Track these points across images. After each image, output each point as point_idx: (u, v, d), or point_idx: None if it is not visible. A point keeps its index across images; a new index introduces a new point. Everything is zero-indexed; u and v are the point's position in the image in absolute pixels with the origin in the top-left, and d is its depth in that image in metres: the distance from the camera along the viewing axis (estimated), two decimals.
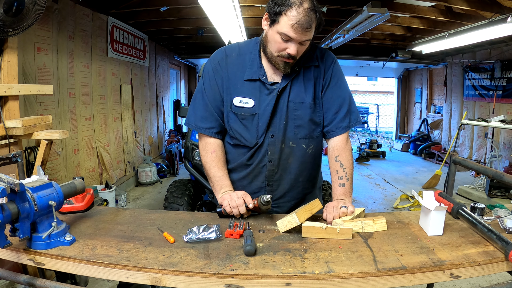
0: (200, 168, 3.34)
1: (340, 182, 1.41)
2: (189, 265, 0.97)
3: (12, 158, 1.56)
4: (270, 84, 1.36)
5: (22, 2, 2.01)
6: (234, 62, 1.40)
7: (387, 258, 1.02)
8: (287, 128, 1.39)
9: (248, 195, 1.30)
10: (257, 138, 1.39)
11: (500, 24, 3.92)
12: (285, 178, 1.44)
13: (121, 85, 5.31)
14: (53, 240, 1.06)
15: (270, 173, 1.42)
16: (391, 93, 15.52)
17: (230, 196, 1.30)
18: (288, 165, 1.42)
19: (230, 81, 1.39)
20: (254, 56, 1.39)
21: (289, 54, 1.25)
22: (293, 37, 1.21)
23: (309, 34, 1.23)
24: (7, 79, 2.27)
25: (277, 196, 1.47)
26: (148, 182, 5.85)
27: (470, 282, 2.83)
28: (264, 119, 1.37)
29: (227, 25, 4.31)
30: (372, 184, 6.25)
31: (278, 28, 1.22)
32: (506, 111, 6.07)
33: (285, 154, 1.41)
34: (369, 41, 6.68)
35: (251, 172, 1.45)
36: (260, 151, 1.41)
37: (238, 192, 1.32)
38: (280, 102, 1.37)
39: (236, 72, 1.39)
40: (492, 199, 4.60)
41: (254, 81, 1.37)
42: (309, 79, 1.40)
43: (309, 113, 1.39)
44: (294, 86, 1.38)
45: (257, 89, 1.37)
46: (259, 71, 1.37)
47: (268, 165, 1.41)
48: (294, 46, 1.24)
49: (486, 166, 3.61)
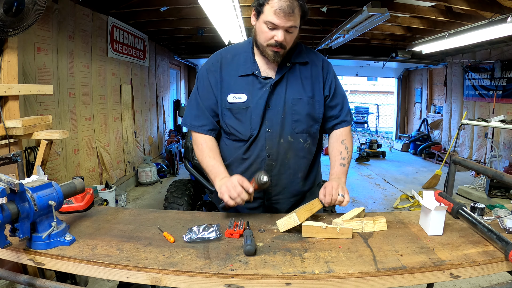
0: (200, 168, 3.34)
1: (342, 162, 1.44)
2: (189, 265, 0.97)
3: (12, 158, 1.56)
4: (263, 78, 1.41)
5: (22, 2, 2.01)
6: (228, 63, 1.45)
7: (387, 258, 1.02)
8: (285, 123, 1.41)
9: (244, 180, 1.27)
10: (251, 130, 1.41)
11: (500, 24, 3.92)
12: (284, 173, 1.45)
13: (121, 85, 5.32)
14: (53, 240, 1.06)
15: (269, 168, 1.43)
16: (391, 93, 15.53)
17: (227, 188, 1.27)
18: (287, 159, 1.44)
19: (224, 81, 1.43)
20: (248, 54, 1.45)
21: (277, 42, 1.31)
22: (278, 23, 1.27)
23: (293, 19, 1.28)
24: (7, 79, 2.27)
25: (277, 192, 1.48)
26: (148, 182, 5.85)
27: (470, 282, 2.83)
28: (257, 112, 1.39)
29: (227, 25, 4.30)
30: (372, 184, 6.25)
31: (263, 17, 1.29)
32: (506, 111, 6.07)
33: (283, 149, 1.42)
34: (369, 41, 6.68)
35: (249, 167, 1.45)
36: (256, 144, 1.42)
37: (233, 180, 1.27)
38: (276, 97, 1.41)
39: (230, 72, 1.44)
40: (492, 199, 4.60)
41: (247, 76, 1.42)
42: (307, 76, 1.45)
43: (307, 109, 1.43)
44: (291, 82, 1.43)
45: (250, 84, 1.42)
46: (252, 66, 1.42)
47: (267, 160, 1.43)
48: (281, 32, 1.29)
49: (486, 166, 3.61)
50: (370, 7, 3.76)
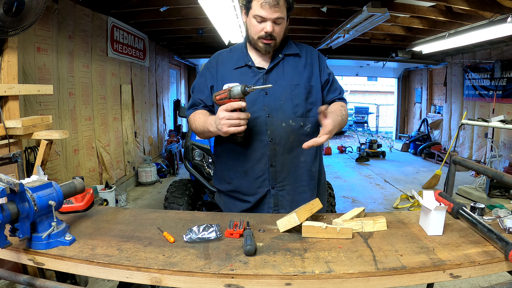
0: (200, 168, 3.34)
1: (341, 114, 1.43)
2: (189, 265, 0.97)
3: (12, 158, 1.56)
4: (257, 68, 1.50)
5: (22, 2, 2.01)
6: (224, 59, 1.57)
7: (387, 258, 1.02)
8: (285, 108, 1.47)
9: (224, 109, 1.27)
10: None
11: (500, 24, 3.93)
12: (288, 158, 1.49)
13: (121, 85, 5.32)
14: (53, 240, 1.05)
15: (273, 153, 1.47)
16: (391, 93, 15.52)
17: (223, 122, 1.26)
18: (290, 143, 1.48)
19: (220, 74, 1.53)
20: (242, 49, 1.55)
21: (266, 33, 1.40)
22: (265, 15, 1.36)
23: (279, 11, 1.37)
24: (7, 79, 2.27)
25: (282, 178, 1.50)
26: (148, 182, 5.85)
27: (470, 282, 2.83)
28: (249, 98, 1.40)
29: (227, 25, 4.31)
30: (372, 184, 6.25)
31: (252, 12, 1.39)
32: (506, 111, 6.07)
33: (286, 132, 1.47)
34: (369, 41, 6.68)
35: (253, 154, 1.47)
36: (257, 130, 1.45)
37: (220, 113, 1.27)
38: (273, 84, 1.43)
39: (226, 65, 1.54)
40: (492, 199, 4.60)
41: (242, 67, 1.51)
42: (302, 65, 1.53)
43: (305, 93, 1.50)
44: (287, 70, 1.51)
45: (244, 74, 1.50)
46: (246, 58, 1.52)
47: (270, 144, 1.46)
48: (269, 24, 1.38)
49: (486, 166, 3.60)
50: (370, 7, 3.77)
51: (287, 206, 1.52)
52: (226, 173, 1.58)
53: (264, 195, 1.52)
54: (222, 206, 1.68)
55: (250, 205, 1.54)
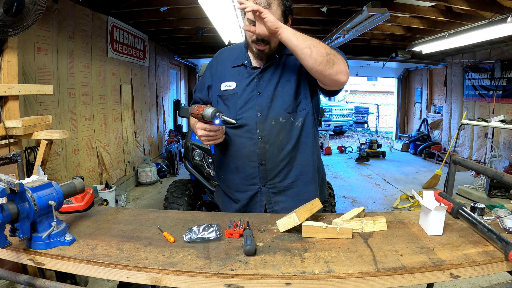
0: (200, 168, 3.34)
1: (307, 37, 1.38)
2: (189, 265, 0.97)
3: (12, 158, 1.56)
4: (252, 68, 1.52)
5: (22, 2, 2.01)
6: (224, 57, 1.62)
7: (387, 258, 1.02)
8: (275, 105, 1.48)
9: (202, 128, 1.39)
10: (235, 115, 1.49)
11: (500, 24, 3.93)
12: (277, 155, 1.49)
13: (121, 85, 5.31)
14: (53, 240, 1.06)
15: (262, 151, 1.48)
16: (391, 93, 15.52)
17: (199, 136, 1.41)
18: (279, 140, 1.48)
19: (219, 72, 1.59)
20: (242, 49, 1.58)
21: (257, 37, 1.38)
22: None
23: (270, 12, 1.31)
24: (7, 79, 2.26)
25: (272, 176, 1.51)
26: (148, 182, 5.85)
27: (470, 282, 2.83)
28: (243, 99, 1.49)
29: (227, 25, 4.31)
30: (372, 184, 6.25)
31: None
32: (506, 111, 6.07)
33: (275, 130, 1.48)
34: (369, 41, 6.68)
35: (242, 150, 1.50)
36: (248, 128, 1.48)
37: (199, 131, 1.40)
38: (266, 84, 1.49)
39: (225, 64, 1.59)
40: (492, 199, 4.60)
41: (239, 66, 1.55)
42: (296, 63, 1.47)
43: (294, 87, 1.49)
44: (282, 69, 1.50)
45: (239, 73, 1.54)
46: (243, 57, 1.55)
47: (259, 142, 1.48)
48: (258, 26, 1.35)
49: (486, 166, 3.61)
50: (370, 7, 3.77)
51: (280, 204, 1.53)
52: (221, 168, 1.64)
53: (256, 193, 1.53)
54: (219, 204, 1.72)
55: (243, 203, 1.56)
